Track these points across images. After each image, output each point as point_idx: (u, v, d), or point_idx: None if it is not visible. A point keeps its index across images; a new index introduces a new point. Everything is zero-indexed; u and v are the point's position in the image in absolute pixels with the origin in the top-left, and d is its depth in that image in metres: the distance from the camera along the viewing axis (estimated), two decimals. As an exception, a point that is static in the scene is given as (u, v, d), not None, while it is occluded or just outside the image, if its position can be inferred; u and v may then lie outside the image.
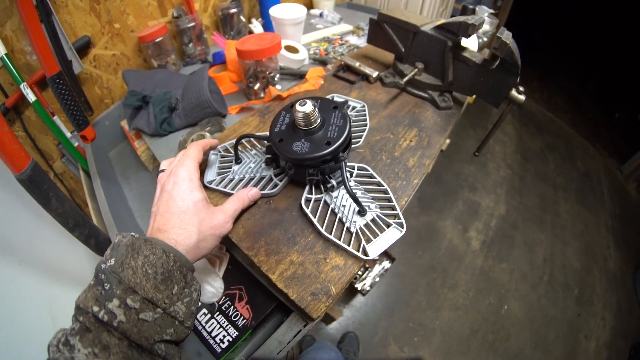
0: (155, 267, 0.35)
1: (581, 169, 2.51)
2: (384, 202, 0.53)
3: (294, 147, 0.48)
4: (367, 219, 0.50)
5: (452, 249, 1.92)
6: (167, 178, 0.46)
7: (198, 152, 0.50)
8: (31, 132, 0.88)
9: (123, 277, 0.33)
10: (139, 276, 0.33)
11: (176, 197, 0.43)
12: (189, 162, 0.47)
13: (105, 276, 0.33)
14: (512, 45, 0.56)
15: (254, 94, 0.84)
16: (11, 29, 0.75)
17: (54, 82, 0.69)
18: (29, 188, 0.56)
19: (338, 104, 0.52)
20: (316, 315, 0.43)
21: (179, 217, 0.42)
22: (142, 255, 0.35)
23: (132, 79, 0.88)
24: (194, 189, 0.44)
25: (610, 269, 1.90)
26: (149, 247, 0.35)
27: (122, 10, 0.93)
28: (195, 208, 0.43)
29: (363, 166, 0.57)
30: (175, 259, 0.37)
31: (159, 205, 0.44)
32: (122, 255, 0.34)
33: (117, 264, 0.34)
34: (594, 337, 1.60)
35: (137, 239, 0.36)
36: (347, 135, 0.48)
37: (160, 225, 0.41)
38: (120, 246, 0.36)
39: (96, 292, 0.33)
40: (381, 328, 1.59)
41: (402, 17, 0.73)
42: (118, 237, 0.38)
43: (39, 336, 0.72)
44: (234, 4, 1.11)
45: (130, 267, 0.34)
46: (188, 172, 0.45)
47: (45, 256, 0.83)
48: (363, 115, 0.70)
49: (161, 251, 0.36)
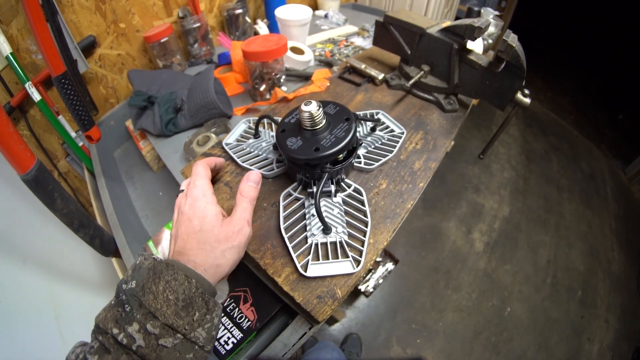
0: (177, 293, 0.34)
1: (585, 171, 2.49)
2: (357, 233, 0.50)
3: (288, 141, 0.50)
4: (328, 239, 0.49)
5: (456, 251, 1.91)
6: (183, 200, 0.45)
7: (205, 169, 0.49)
8: (36, 131, 0.88)
9: (144, 302, 0.32)
10: (160, 301, 0.33)
11: (192, 217, 0.42)
12: (200, 180, 0.46)
13: (126, 298, 0.33)
14: (518, 48, 0.56)
15: (260, 95, 0.84)
16: (17, 28, 0.76)
17: (60, 82, 0.69)
18: (33, 188, 0.56)
19: (351, 116, 0.51)
20: (322, 318, 0.43)
21: (195, 237, 0.41)
22: (163, 280, 0.34)
23: (137, 79, 0.88)
24: (207, 204, 0.43)
25: (614, 271, 1.88)
26: (170, 272, 0.35)
27: (127, 10, 0.93)
28: (210, 225, 0.42)
29: (360, 189, 0.55)
30: (197, 285, 0.36)
31: (177, 227, 0.43)
32: (144, 279, 0.34)
33: (138, 287, 0.33)
34: (597, 340, 1.59)
35: (159, 263, 0.36)
36: (341, 149, 0.47)
37: (180, 248, 0.40)
38: (142, 269, 0.35)
39: (116, 313, 0.32)
40: (384, 329, 1.59)
41: (408, 19, 0.73)
42: (140, 258, 0.37)
43: (43, 335, 0.72)
44: (240, 5, 1.11)
45: (151, 292, 0.33)
46: (201, 189, 0.45)
47: (50, 255, 0.83)
48: (396, 141, 0.64)
49: (183, 277, 0.35)
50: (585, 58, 3.74)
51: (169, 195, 0.83)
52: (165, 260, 0.36)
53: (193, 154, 0.69)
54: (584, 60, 3.72)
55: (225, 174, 0.61)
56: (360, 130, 0.67)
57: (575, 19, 4.07)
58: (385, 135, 0.65)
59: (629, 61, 3.31)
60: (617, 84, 3.29)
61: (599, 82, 3.42)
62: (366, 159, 0.61)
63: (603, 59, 3.63)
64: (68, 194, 0.62)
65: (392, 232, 0.51)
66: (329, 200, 0.54)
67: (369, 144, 0.64)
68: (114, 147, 0.98)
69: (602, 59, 3.64)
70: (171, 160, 0.73)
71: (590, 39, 3.86)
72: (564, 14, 4.16)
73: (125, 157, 0.96)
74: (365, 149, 0.63)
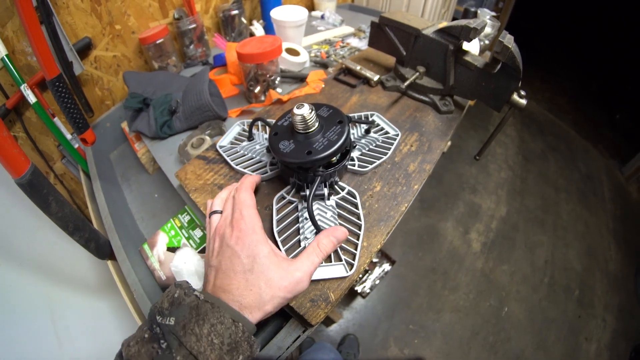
0: (222, 337, 0.32)
1: (583, 171, 2.50)
2: (351, 236, 0.50)
3: (281, 144, 0.50)
4: None
5: (453, 251, 1.92)
6: (228, 230, 0.42)
7: (252, 197, 0.46)
8: (32, 133, 0.88)
9: (184, 342, 0.31)
10: (204, 345, 0.31)
11: (240, 253, 0.39)
12: (247, 210, 0.43)
13: (163, 333, 0.31)
14: (514, 49, 0.56)
15: (255, 97, 0.84)
16: (12, 30, 0.75)
17: (54, 85, 0.69)
18: (28, 192, 0.56)
19: (344, 119, 0.51)
20: (315, 321, 0.43)
21: (244, 277, 0.38)
22: (208, 323, 0.32)
23: (132, 81, 0.88)
24: (258, 243, 0.40)
25: (611, 271, 1.89)
26: (216, 314, 0.33)
27: (123, 12, 0.93)
28: (262, 266, 0.39)
29: (353, 192, 0.55)
30: (243, 329, 0.34)
31: (220, 260, 0.40)
32: (185, 318, 0.32)
33: (178, 325, 0.32)
34: (594, 339, 1.60)
35: (203, 303, 0.34)
36: (333, 152, 0.47)
37: (224, 285, 0.38)
38: (183, 305, 0.33)
39: (152, 350, 0.31)
40: (381, 330, 1.59)
41: (404, 20, 0.73)
42: (177, 290, 0.35)
43: (39, 337, 0.72)
44: (235, 6, 1.11)
45: (194, 334, 0.31)
46: (250, 223, 0.42)
47: (45, 258, 0.83)
48: (390, 143, 0.64)
49: (230, 321, 0.33)
50: (584, 58, 3.75)
51: (164, 198, 0.83)
52: (209, 300, 0.34)
53: (187, 157, 0.69)
54: (583, 60, 3.73)
55: (218, 177, 0.61)
56: (354, 133, 0.67)
57: (574, 19, 4.08)
58: (379, 138, 0.65)
59: (628, 61, 3.32)
60: (615, 84, 3.30)
61: (597, 82, 3.43)
62: (360, 161, 0.61)
63: (602, 59, 3.64)
64: (63, 197, 0.62)
65: (385, 235, 0.51)
66: (322, 204, 0.54)
67: (363, 146, 0.64)
68: (110, 149, 0.97)
69: (600, 59, 3.65)
70: (166, 163, 0.73)
71: (589, 39, 3.87)
72: (563, 13, 4.17)
73: (121, 159, 0.95)
74: (359, 151, 0.63)
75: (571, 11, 4.09)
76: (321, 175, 0.50)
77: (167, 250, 0.66)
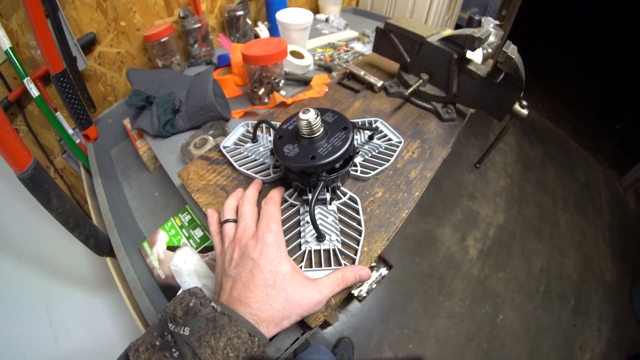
0: (238, 352, 0.32)
1: (581, 180, 2.51)
2: (351, 241, 0.51)
3: (285, 147, 0.50)
4: (321, 247, 0.49)
5: (450, 257, 1.92)
6: (252, 242, 0.41)
7: (279, 211, 0.47)
8: (33, 126, 0.88)
9: (199, 354, 0.30)
10: (219, 358, 0.31)
11: (263, 267, 0.39)
12: (276, 226, 0.43)
13: (175, 342, 0.31)
14: (517, 59, 0.56)
15: (258, 99, 0.84)
16: (17, 23, 0.75)
17: (58, 80, 0.69)
18: (30, 187, 0.56)
19: (349, 125, 0.51)
20: (314, 324, 0.43)
21: (264, 291, 0.38)
22: (225, 336, 0.32)
23: (136, 78, 0.88)
24: (282, 260, 0.41)
25: (607, 281, 1.90)
26: (233, 328, 0.33)
27: (128, 8, 0.93)
28: (284, 282, 0.39)
29: (355, 198, 0.56)
30: (259, 344, 0.34)
31: (240, 272, 0.40)
32: (201, 330, 0.32)
33: (193, 336, 0.31)
34: (589, 348, 1.60)
35: (221, 316, 0.33)
36: (337, 158, 0.47)
37: (241, 297, 0.37)
38: (199, 316, 0.33)
39: (163, 358, 0.30)
40: (376, 334, 1.59)
41: (409, 27, 0.73)
42: (192, 299, 0.35)
43: (34, 332, 0.72)
44: (241, 7, 1.11)
45: (210, 346, 0.31)
46: (276, 239, 0.42)
47: (44, 253, 0.83)
48: (393, 150, 0.64)
49: (247, 335, 0.33)
50: (584, 67, 3.77)
51: (164, 196, 0.83)
52: (226, 312, 0.34)
53: (190, 156, 0.69)
54: (583, 70, 3.75)
55: (221, 178, 0.61)
56: (357, 138, 0.67)
57: (576, 27, 4.10)
58: (382, 144, 0.65)
59: (628, 71, 3.34)
60: (615, 94, 3.32)
61: (597, 92, 3.44)
62: (363, 167, 0.61)
63: (602, 69, 3.66)
64: (64, 193, 0.62)
65: (386, 241, 0.51)
66: (324, 208, 0.54)
67: (366, 152, 0.64)
68: (111, 145, 0.97)
69: (601, 69, 3.67)
70: (168, 161, 0.73)
71: (590, 49, 3.89)
72: (564, 22, 4.19)
73: (122, 156, 0.95)
74: (362, 157, 0.63)
75: (572, 20, 4.11)
76: (324, 180, 0.50)
77: (166, 249, 0.66)
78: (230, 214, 0.48)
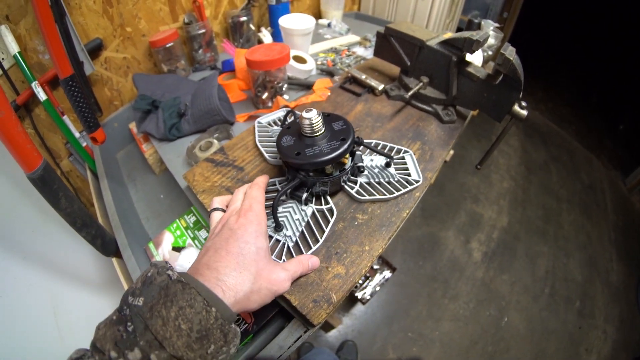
0: (191, 323, 0.29)
1: (585, 181, 2.50)
2: (304, 246, 0.51)
3: (285, 137, 0.54)
4: (275, 236, 0.52)
5: (454, 260, 1.92)
6: (234, 217, 0.42)
7: (263, 195, 0.48)
8: (40, 130, 0.89)
9: (150, 325, 0.28)
10: (170, 330, 0.28)
11: (240, 237, 0.39)
12: (259, 206, 0.44)
13: (130, 315, 0.29)
14: (515, 61, 0.57)
15: (262, 103, 0.86)
16: (25, 28, 0.77)
17: (67, 84, 0.71)
18: (39, 187, 0.57)
19: (349, 138, 0.50)
20: (317, 321, 0.44)
21: (236, 259, 0.37)
22: (176, 305, 0.29)
23: (142, 83, 0.90)
24: (260, 235, 0.41)
25: (612, 282, 1.88)
26: (186, 296, 0.30)
27: (134, 15, 0.95)
28: (257, 255, 0.39)
29: (333, 211, 0.55)
30: (217, 315, 0.31)
31: (215, 241, 0.39)
32: (153, 299, 0.29)
33: (145, 307, 0.29)
34: (594, 350, 1.59)
35: (174, 283, 0.31)
36: (314, 162, 0.48)
37: (210, 262, 0.36)
38: (153, 285, 0.31)
39: (117, 333, 0.28)
40: (380, 337, 1.59)
41: (409, 31, 0.74)
42: (152, 269, 0.32)
43: (41, 331, 0.73)
44: (244, 12, 1.13)
45: (161, 317, 0.28)
46: (257, 217, 0.43)
47: (50, 253, 0.84)
48: (404, 186, 0.59)
49: (201, 305, 0.30)
50: (587, 68, 3.76)
51: (170, 198, 0.85)
52: (181, 279, 0.31)
53: (195, 159, 0.70)
54: (585, 71, 3.74)
55: (226, 179, 0.62)
56: (372, 159, 0.64)
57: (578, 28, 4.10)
58: (397, 175, 0.61)
59: (632, 72, 3.33)
60: (619, 95, 3.31)
61: (600, 93, 3.43)
62: (362, 188, 0.59)
63: (604, 70, 3.65)
64: (72, 193, 0.63)
65: (387, 240, 0.52)
66: (300, 206, 0.55)
67: (375, 175, 0.60)
68: (117, 148, 0.99)
69: (603, 70, 3.66)
70: (174, 164, 0.74)
71: (592, 50, 3.88)
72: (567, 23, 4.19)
73: (127, 159, 0.97)
74: (367, 178, 0.61)
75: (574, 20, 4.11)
76: (301, 178, 0.52)
77: (172, 250, 0.68)
78: (218, 204, 0.50)
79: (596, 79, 3.61)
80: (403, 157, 0.65)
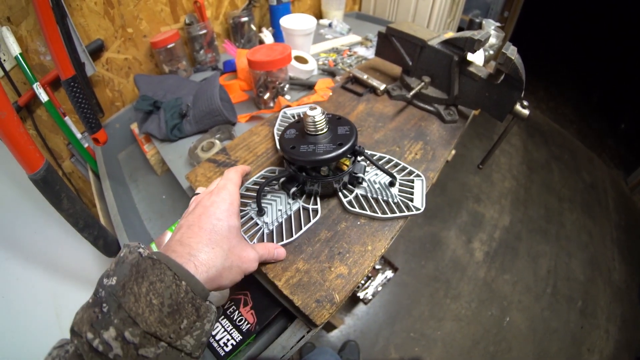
0: (162, 298, 0.29)
1: (587, 180, 2.50)
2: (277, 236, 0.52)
3: (289, 130, 0.54)
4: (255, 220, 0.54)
5: (456, 260, 1.92)
6: (207, 195, 0.43)
7: (239, 178, 0.48)
8: (42, 131, 0.89)
9: (123, 304, 0.28)
10: (142, 306, 0.28)
11: (212, 214, 0.39)
12: (232, 186, 0.45)
13: (105, 296, 0.29)
14: (516, 60, 0.57)
15: (264, 104, 0.86)
16: (26, 29, 0.77)
17: (69, 85, 0.71)
18: (42, 188, 0.57)
19: (347, 145, 0.49)
20: (320, 321, 0.44)
21: (208, 235, 0.37)
22: (147, 281, 0.30)
23: (143, 84, 0.90)
24: (232, 214, 0.41)
25: (614, 281, 1.88)
26: (156, 271, 0.30)
27: (135, 15, 0.95)
28: (230, 233, 0.39)
29: (318, 213, 0.55)
30: (187, 288, 0.31)
31: (188, 218, 0.40)
32: (125, 277, 0.30)
33: (118, 285, 0.29)
34: (597, 350, 1.59)
35: (144, 260, 0.31)
36: (303, 160, 0.49)
37: (183, 238, 0.36)
38: (125, 263, 0.31)
39: (92, 314, 0.28)
40: (382, 337, 1.59)
41: (410, 31, 0.74)
42: (124, 249, 0.32)
43: (43, 333, 0.73)
44: (245, 13, 1.13)
45: (133, 294, 0.29)
46: (230, 196, 0.43)
47: (52, 254, 0.84)
48: (402, 210, 0.55)
49: (170, 278, 0.30)
50: (588, 68, 3.75)
51: (172, 199, 0.85)
52: (152, 256, 0.32)
53: (197, 159, 0.71)
54: (587, 70, 3.73)
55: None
56: (377, 174, 0.60)
57: (579, 27, 4.09)
58: (397, 196, 0.57)
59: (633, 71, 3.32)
60: (620, 94, 3.30)
61: (601, 92, 3.42)
62: (356, 200, 0.57)
63: (606, 69, 3.64)
64: (74, 194, 0.63)
65: (389, 240, 0.52)
66: (287, 199, 0.56)
67: (374, 191, 0.57)
68: (119, 149, 0.99)
69: (604, 69, 3.65)
70: (175, 165, 0.74)
71: (594, 49, 3.88)
72: (568, 22, 4.18)
73: (129, 159, 0.97)
74: (365, 191, 0.58)
75: (575, 20, 4.10)
76: (291, 172, 0.53)
77: (174, 250, 0.67)
78: (200, 190, 0.52)
79: (597, 78, 3.60)
80: (412, 181, 0.60)
